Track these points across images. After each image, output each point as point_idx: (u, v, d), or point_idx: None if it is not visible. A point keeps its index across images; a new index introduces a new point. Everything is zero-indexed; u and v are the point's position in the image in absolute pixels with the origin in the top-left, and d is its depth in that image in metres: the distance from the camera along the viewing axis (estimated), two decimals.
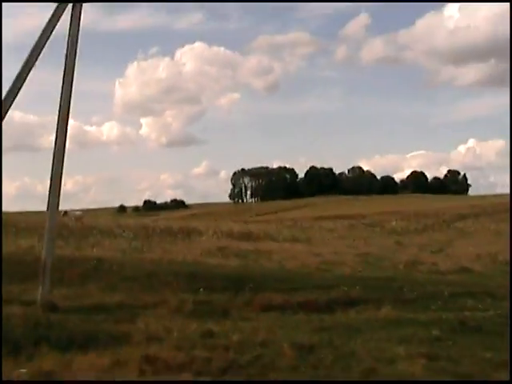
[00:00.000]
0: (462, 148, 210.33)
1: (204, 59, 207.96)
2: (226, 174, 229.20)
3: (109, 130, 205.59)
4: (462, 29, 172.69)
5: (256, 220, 71.83)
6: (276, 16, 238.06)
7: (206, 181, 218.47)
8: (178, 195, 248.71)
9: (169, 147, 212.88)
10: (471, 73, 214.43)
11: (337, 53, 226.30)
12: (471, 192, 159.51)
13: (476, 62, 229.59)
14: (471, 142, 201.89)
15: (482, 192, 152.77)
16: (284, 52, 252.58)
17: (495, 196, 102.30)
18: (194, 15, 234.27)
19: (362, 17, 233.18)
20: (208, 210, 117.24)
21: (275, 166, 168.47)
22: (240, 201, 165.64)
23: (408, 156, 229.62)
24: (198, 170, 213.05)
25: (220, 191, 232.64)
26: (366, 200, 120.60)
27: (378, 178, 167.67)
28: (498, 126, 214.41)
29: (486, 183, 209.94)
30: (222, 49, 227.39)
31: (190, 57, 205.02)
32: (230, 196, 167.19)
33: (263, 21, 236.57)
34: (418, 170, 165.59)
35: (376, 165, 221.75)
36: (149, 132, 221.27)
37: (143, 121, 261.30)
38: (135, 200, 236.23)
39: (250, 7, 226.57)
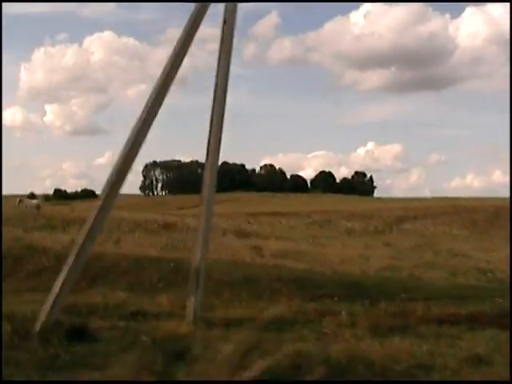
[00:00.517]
0: (361, 150, 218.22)
1: (113, 49, 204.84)
2: None
3: (12, 115, 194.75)
4: (366, 35, 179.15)
5: (185, 214, 69.97)
6: (186, 10, 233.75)
7: (109, 171, 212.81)
8: (81, 185, 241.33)
9: (73, 136, 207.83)
10: (374, 78, 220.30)
11: (245, 50, 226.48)
12: (376, 194, 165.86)
13: (378, 68, 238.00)
14: (370, 145, 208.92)
15: (382, 194, 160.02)
16: (193, 46, 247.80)
17: (409, 199, 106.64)
18: (104, 4, 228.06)
19: (272, 16, 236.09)
20: (124, 202, 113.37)
21: (186, 159, 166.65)
22: (151, 193, 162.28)
23: (309, 156, 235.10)
24: (102, 160, 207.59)
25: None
26: (283, 198, 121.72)
27: (288, 176, 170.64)
28: (396, 132, 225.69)
29: (383, 186, 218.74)
30: (132, 39, 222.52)
31: (99, 45, 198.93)
32: (140, 188, 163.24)
33: (174, 14, 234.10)
34: (320, 169, 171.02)
35: (279, 163, 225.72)
36: (53, 119, 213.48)
37: (48, 108, 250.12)
38: (37, 188, 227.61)
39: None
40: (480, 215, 52.89)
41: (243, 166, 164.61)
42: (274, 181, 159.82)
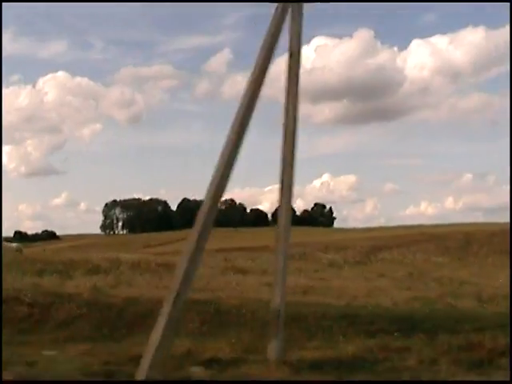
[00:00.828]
0: (317, 182, 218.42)
1: (66, 89, 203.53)
2: (85, 205, 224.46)
3: None
4: (317, 69, 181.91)
5: (156, 252, 68.91)
6: (140, 48, 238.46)
7: (65, 212, 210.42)
8: (37, 226, 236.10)
9: (28, 177, 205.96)
10: (326, 111, 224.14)
11: (199, 87, 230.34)
12: (336, 225, 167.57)
13: (330, 101, 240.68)
14: (325, 177, 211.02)
15: (340, 225, 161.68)
16: (147, 84, 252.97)
17: (372, 229, 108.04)
18: (57, 44, 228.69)
19: (225, 52, 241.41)
20: (87, 242, 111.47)
21: (145, 197, 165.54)
22: (111, 232, 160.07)
23: (266, 189, 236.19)
24: (58, 200, 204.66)
25: (79, 223, 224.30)
26: (246, 232, 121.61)
27: (248, 210, 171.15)
28: (350, 163, 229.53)
29: (340, 216, 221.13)
30: (85, 79, 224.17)
31: (53, 86, 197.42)
32: (101, 227, 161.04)
33: (127, 52, 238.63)
34: (276, 203, 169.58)
35: (236, 197, 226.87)
36: (8, 161, 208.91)
37: (2, 149, 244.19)
38: None
39: (114, 38, 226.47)
40: (452, 242, 53.95)
41: (202, 201, 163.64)
42: (234, 215, 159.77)
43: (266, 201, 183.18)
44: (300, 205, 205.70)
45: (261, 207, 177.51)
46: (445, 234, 57.76)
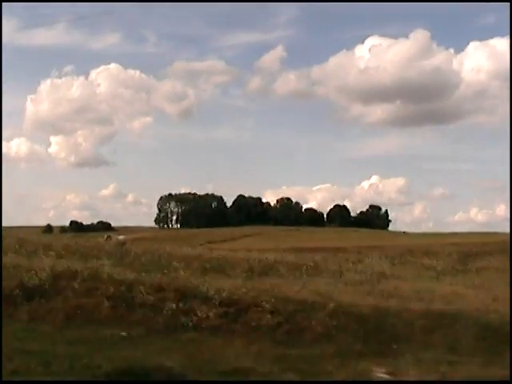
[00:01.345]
0: (365, 184, 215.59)
1: (118, 81, 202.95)
2: (132, 197, 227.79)
3: (17, 146, 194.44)
4: (371, 69, 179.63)
5: (219, 247, 68.19)
6: (193, 43, 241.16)
7: (112, 203, 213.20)
8: (83, 216, 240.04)
9: (77, 167, 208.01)
10: (378, 112, 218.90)
11: (251, 83, 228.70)
12: (391, 228, 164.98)
13: (383, 102, 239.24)
14: (374, 179, 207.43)
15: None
16: (199, 79, 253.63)
17: (442, 234, 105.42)
18: (110, 36, 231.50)
19: (278, 50, 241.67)
20: (147, 235, 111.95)
21: (184, 191, 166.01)
22: (165, 226, 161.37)
23: (314, 189, 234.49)
24: (106, 192, 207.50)
25: (126, 214, 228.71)
26: (311, 232, 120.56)
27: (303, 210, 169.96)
28: (399, 165, 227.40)
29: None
30: (138, 72, 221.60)
31: (105, 78, 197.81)
32: (155, 220, 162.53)
33: (180, 47, 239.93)
34: (323, 202, 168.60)
35: (283, 195, 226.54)
36: (58, 151, 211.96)
37: (53, 139, 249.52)
38: (40, 219, 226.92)
39: (168, 33, 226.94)
40: None
41: (259, 199, 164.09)
42: (289, 214, 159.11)
43: (314, 200, 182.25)
44: (348, 206, 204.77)
45: (311, 206, 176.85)
46: None
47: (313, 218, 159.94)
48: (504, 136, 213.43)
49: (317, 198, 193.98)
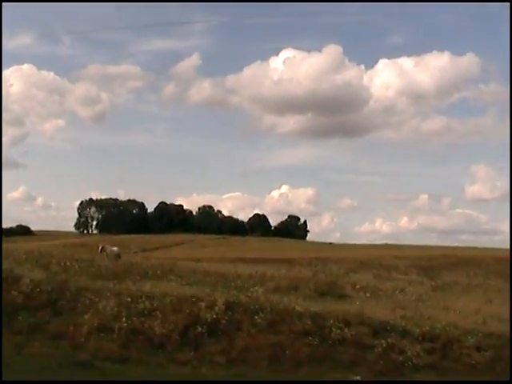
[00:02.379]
0: (275, 193, 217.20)
1: (31, 82, 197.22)
2: (42, 201, 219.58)
3: None
4: (285, 80, 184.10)
5: (161, 256, 66.69)
6: (109, 47, 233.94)
7: (22, 206, 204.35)
8: None
9: None
10: (290, 123, 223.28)
11: (166, 90, 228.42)
12: (309, 238, 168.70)
13: (295, 114, 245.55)
14: (284, 189, 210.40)
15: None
16: (114, 83, 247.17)
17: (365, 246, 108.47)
18: (24, 36, 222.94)
19: (194, 57, 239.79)
20: (71, 241, 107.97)
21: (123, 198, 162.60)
22: (85, 231, 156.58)
23: (224, 197, 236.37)
24: (15, 194, 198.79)
25: (35, 218, 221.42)
26: (269, 241, 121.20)
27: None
28: (309, 175, 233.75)
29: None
30: (51, 73, 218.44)
31: (18, 78, 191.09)
32: (75, 226, 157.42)
33: (95, 50, 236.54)
34: (233, 211, 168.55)
35: (193, 203, 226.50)
36: None
37: None
38: None
39: (84, 35, 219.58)
40: None
41: (181, 206, 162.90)
42: (211, 223, 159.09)
43: (224, 208, 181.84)
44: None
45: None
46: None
47: (234, 226, 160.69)
48: (409, 151, 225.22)
49: (227, 206, 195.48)
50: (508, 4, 43.69)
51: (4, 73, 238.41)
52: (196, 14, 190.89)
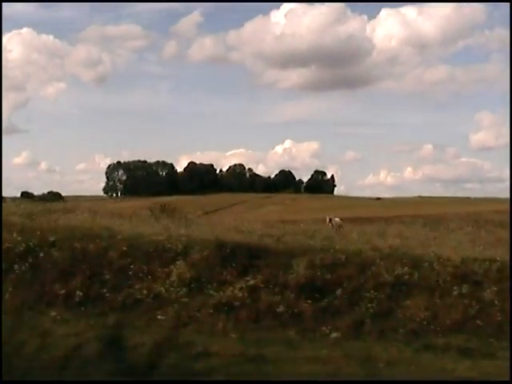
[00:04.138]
0: (278, 148, 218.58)
1: (31, 47, 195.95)
2: (46, 165, 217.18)
3: None
4: (287, 35, 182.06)
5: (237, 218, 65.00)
6: (108, 7, 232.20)
7: (25, 172, 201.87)
8: None
9: None
10: (293, 77, 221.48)
11: (167, 48, 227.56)
12: (337, 192, 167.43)
13: (298, 67, 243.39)
14: (288, 143, 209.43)
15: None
16: (114, 44, 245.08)
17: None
18: (22, 1, 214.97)
19: (195, 15, 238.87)
20: (114, 206, 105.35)
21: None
22: (114, 195, 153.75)
23: (227, 154, 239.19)
24: (18, 159, 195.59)
25: (39, 183, 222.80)
26: (292, 199, 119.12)
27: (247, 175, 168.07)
28: (312, 129, 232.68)
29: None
30: (51, 37, 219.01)
31: (17, 43, 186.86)
32: (103, 190, 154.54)
33: (95, 11, 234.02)
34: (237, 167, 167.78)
35: (198, 160, 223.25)
36: None
37: None
38: None
39: None
40: None
41: (211, 165, 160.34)
42: (243, 181, 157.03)
43: (228, 165, 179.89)
44: (262, 170, 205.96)
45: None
46: None
47: (266, 184, 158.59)
48: (413, 101, 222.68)
49: (231, 163, 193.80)
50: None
51: (3, 38, 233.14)
52: None
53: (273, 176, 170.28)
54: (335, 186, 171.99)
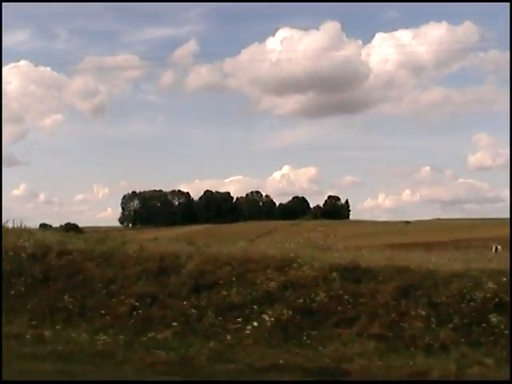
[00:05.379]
0: (277, 174, 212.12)
1: (29, 78, 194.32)
2: (44, 197, 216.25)
3: None
4: (283, 61, 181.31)
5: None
6: (105, 38, 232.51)
7: (24, 204, 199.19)
8: None
9: None
10: (290, 103, 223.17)
11: (163, 78, 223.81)
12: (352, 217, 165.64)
13: (295, 94, 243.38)
14: (286, 169, 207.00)
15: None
16: (111, 75, 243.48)
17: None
18: (20, 33, 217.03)
19: (191, 44, 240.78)
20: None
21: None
22: (130, 225, 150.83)
23: (226, 181, 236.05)
24: (17, 192, 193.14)
25: (38, 215, 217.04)
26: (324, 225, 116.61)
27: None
28: (310, 155, 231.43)
29: None
30: (48, 69, 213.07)
31: (15, 75, 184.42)
32: (119, 220, 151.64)
33: (91, 42, 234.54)
34: (237, 194, 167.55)
35: (196, 189, 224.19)
36: None
37: None
38: None
39: (78, 28, 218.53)
40: None
41: (228, 193, 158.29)
42: (261, 208, 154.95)
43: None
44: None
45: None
46: None
47: (283, 211, 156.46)
48: (409, 124, 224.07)
49: (230, 190, 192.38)
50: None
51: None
52: (187, 1, 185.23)
53: (285, 202, 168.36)
54: (350, 210, 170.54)
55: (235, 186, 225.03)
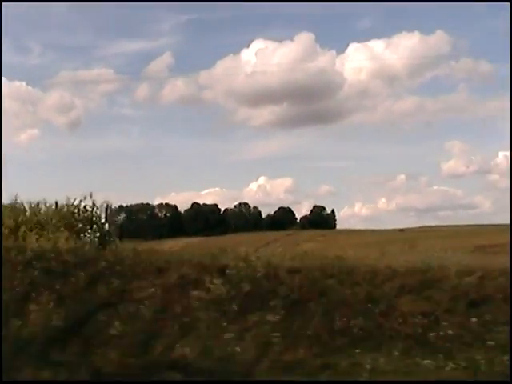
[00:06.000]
0: (253, 185, 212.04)
1: (4, 94, 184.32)
2: None
3: None
4: (257, 73, 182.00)
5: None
6: (79, 52, 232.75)
7: None
8: None
9: None
10: (265, 114, 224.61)
11: (139, 91, 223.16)
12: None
13: (270, 105, 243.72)
14: (262, 180, 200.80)
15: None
16: (86, 88, 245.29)
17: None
18: None
19: (166, 56, 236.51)
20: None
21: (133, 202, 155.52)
22: (119, 239, 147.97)
23: (202, 193, 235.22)
24: None
25: None
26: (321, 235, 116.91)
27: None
28: (286, 165, 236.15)
29: None
30: (24, 83, 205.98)
31: None
32: None
33: (66, 57, 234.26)
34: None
35: (172, 201, 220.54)
36: None
37: None
38: None
39: (53, 42, 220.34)
40: None
41: (216, 205, 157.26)
42: (249, 220, 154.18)
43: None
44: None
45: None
46: None
47: (271, 222, 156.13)
48: (383, 133, 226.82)
49: (207, 202, 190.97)
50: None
51: None
52: (161, 14, 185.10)
53: (272, 213, 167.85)
54: (336, 220, 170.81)
55: (212, 198, 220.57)
